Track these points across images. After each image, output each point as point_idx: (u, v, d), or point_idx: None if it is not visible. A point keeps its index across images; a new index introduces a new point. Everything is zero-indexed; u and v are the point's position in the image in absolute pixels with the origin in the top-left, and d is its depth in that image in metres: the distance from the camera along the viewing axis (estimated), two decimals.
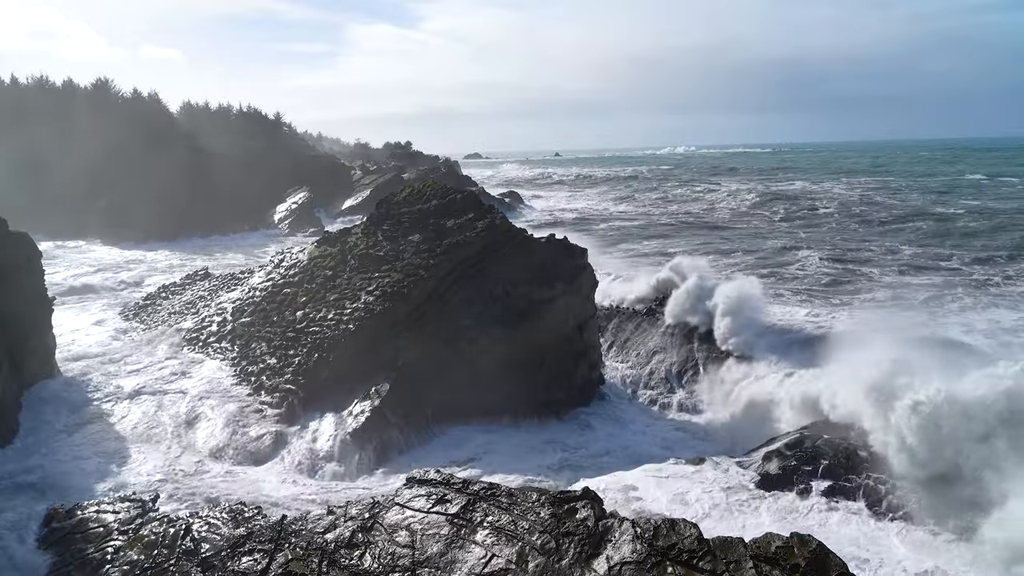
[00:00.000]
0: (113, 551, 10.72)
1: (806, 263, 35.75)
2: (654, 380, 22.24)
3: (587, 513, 9.34)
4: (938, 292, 28.45)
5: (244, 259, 41.84)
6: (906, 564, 11.75)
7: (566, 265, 21.06)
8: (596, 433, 18.58)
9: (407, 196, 24.28)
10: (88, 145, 54.07)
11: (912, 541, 12.53)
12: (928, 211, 54.89)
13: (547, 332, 20.02)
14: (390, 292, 20.04)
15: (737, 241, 45.16)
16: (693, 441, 18.39)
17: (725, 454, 16.22)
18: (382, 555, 9.42)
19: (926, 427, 13.55)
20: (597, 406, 20.24)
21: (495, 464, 16.10)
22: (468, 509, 9.83)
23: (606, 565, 8.57)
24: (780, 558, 8.04)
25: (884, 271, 33.27)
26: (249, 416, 17.75)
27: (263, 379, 19.18)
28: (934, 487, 13.15)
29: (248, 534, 10.40)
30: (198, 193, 53.59)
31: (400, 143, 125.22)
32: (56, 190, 51.04)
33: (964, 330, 22.11)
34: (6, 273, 16.97)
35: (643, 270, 29.26)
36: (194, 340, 22.64)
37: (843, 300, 27.45)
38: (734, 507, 13.73)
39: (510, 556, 8.98)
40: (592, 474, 15.34)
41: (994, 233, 42.70)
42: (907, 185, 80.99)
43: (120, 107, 64.79)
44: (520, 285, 20.36)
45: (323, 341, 19.47)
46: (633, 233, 51.65)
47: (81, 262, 41.17)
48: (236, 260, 41.67)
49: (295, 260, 24.79)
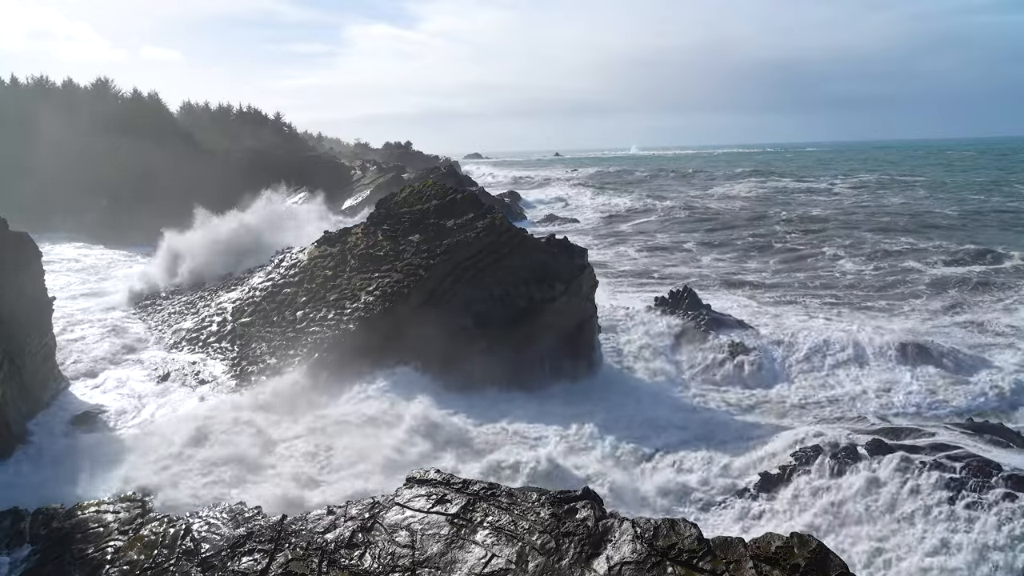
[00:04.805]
0: (113, 551, 10.72)
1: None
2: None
3: (587, 513, 9.34)
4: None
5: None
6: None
7: (566, 265, 21.06)
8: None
9: (407, 196, 24.28)
10: (88, 145, 54.03)
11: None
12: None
13: (547, 332, 20.02)
14: (390, 292, 20.04)
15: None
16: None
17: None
18: (382, 555, 9.42)
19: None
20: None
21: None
22: (468, 509, 9.83)
23: (606, 565, 8.57)
24: (780, 558, 8.03)
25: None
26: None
27: (263, 379, 19.17)
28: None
29: (248, 534, 10.40)
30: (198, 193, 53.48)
31: (400, 143, 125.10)
32: (56, 190, 50.99)
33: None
34: (6, 273, 16.94)
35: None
36: (194, 340, 22.64)
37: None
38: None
39: (510, 556, 8.98)
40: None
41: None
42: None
43: (120, 107, 64.77)
44: (520, 285, 20.37)
45: (323, 341, 19.47)
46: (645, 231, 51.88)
47: (81, 262, 41.13)
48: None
49: (295, 260, 24.79)
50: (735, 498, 14.40)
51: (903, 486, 13.51)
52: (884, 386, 20.43)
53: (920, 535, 12.59)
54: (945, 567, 11.85)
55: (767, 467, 15.02)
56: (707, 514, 14.03)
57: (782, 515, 13.73)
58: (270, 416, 16.45)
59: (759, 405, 19.75)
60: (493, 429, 16.58)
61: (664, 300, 25.55)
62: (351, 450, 14.79)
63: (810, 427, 16.74)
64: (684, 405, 19.33)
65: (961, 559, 11.97)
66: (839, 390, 20.52)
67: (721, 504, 14.33)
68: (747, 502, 14.25)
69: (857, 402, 19.67)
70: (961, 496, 13.02)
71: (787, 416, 18.82)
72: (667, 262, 41.87)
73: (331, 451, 14.87)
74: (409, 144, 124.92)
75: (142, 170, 52.26)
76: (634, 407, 19.11)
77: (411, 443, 15.32)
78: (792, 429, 16.79)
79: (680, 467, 15.41)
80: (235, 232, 32.11)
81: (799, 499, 14.01)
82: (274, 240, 30.54)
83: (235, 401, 17.57)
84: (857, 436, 15.36)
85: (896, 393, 20.03)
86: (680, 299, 25.24)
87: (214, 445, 14.92)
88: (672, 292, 26.01)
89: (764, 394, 20.45)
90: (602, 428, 17.08)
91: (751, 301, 30.06)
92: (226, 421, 15.93)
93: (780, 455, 15.36)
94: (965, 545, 12.20)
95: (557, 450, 15.58)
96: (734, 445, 16.57)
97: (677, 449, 16.10)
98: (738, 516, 13.95)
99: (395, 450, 14.90)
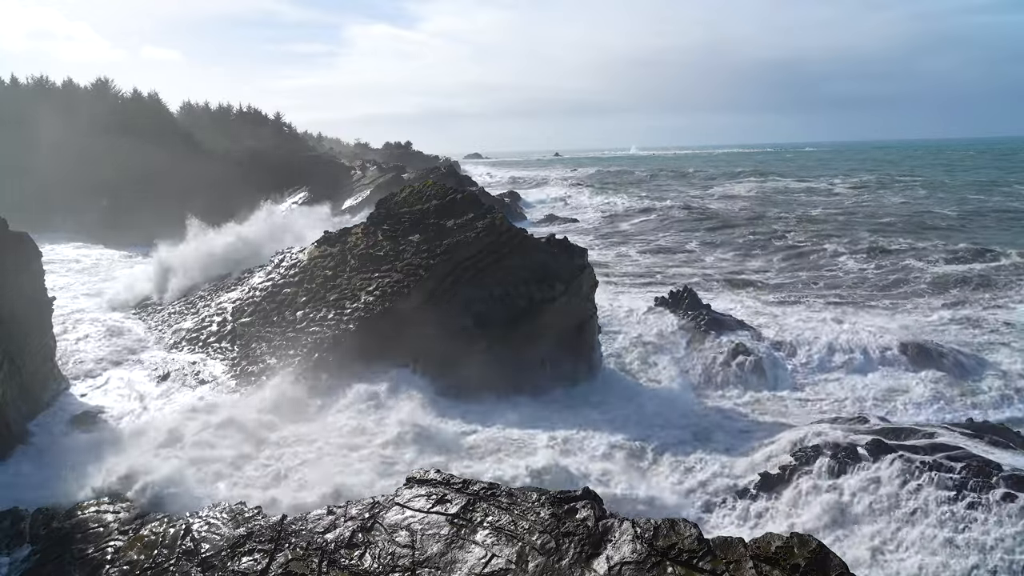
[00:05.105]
0: (113, 551, 10.72)
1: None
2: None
3: (587, 513, 9.34)
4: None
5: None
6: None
7: (566, 265, 21.05)
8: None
9: (407, 196, 24.27)
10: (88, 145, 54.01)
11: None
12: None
13: (547, 332, 20.02)
14: (390, 292, 20.04)
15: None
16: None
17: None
18: (382, 555, 9.42)
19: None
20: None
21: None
22: (468, 509, 9.83)
23: (606, 565, 8.57)
24: (780, 558, 8.03)
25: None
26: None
27: (263, 379, 19.17)
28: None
29: (248, 534, 10.40)
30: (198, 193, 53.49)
31: (400, 143, 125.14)
32: (56, 190, 50.97)
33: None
34: (6, 273, 16.93)
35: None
36: (194, 340, 22.63)
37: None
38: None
39: (510, 556, 8.98)
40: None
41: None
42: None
43: (120, 107, 64.77)
44: (520, 285, 20.36)
45: (323, 341, 19.47)
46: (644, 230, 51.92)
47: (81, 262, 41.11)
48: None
49: (295, 260, 24.77)
50: (735, 498, 14.40)
51: (903, 486, 13.51)
52: (884, 386, 20.45)
53: (920, 535, 12.58)
54: (945, 567, 11.84)
55: (767, 467, 15.01)
56: (707, 514, 14.03)
57: (782, 515, 13.73)
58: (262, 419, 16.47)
59: (759, 405, 19.76)
60: (491, 432, 16.59)
61: (664, 300, 25.55)
62: (336, 458, 14.78)
63: (810, 427, 16.73)
64: (684, 405, 19.30)
65: (962, 559, 11.97)
66: (839, 390, 20.54)
67: (721, 504, 14.33)
68: (747, 502, 14.24)
69: (857, 402, 19.68)
70: (961, 496, 13.01)
71: (787, 416, 18.82)
72: (667, 262, 41.90)
73: (321, 458, 14.86)
74: (409, 144, 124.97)
75: (142, 170, 52.23)
76: (634, 407, 19.11)
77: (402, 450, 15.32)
78: (792, 429, 16.79)
79: (680, 467, 15.41)
80: (232, 246, 30.41)
81: (799, 499, 14.01)
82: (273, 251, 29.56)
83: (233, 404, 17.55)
84: (857, 436, 15.35)
85: (896, 393, 20.05)
86: (680, 299, 25.26)
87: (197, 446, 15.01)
88: (672, 292, 26.04)
89: (764, 394, 20.45)
90: (601, 429, 17.09)
91: (751, 301, 30.05)
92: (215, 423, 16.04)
93: (780, 455, 15.36)
94: (965, 545, 12.20)
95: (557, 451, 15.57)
96: (734, 445, 16.59)
97: (677, 449, 16.09)
98: (738, 516, 13.94)
99: (384, 460, 14.92)
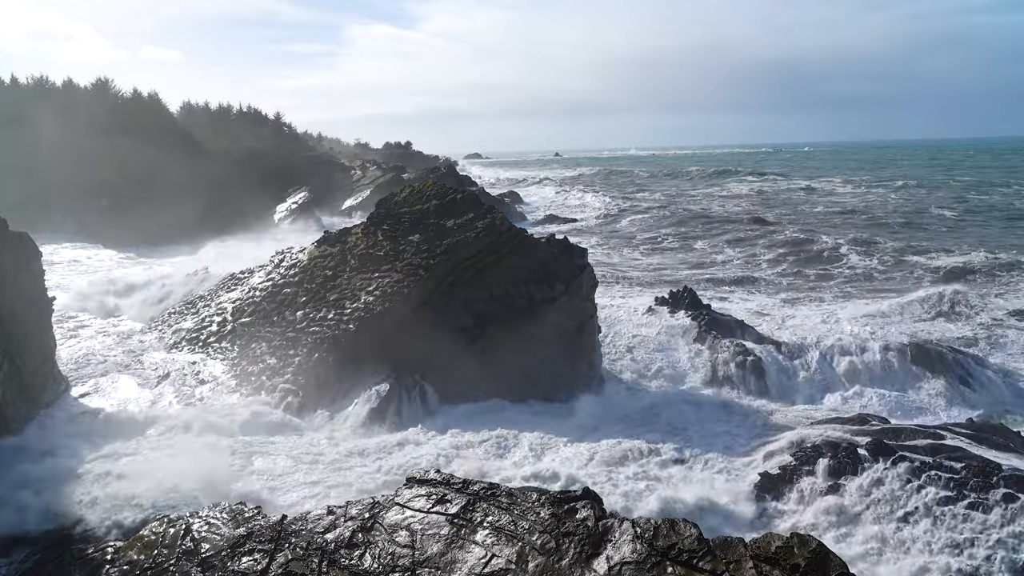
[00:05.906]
0: (113, 551, 10.70)
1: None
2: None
3: (587, 513, 9.33)
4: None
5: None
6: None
7: (566, 265, 21.05)
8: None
9: (407, 196, 24.26)
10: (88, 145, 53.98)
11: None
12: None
13: (547, 332, 20.00)
14: (390, 292, 20.03)
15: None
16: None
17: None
18: (382, 555, 9.41)
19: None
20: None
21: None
22: (468, 509, 9.82)
23: (606, 565, 8.56)
24: (780, 558, 8.02)
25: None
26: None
27: (263, 379, 19.17)
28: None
29: (248, 534, 10.38)
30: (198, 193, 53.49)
31: (400, 143, 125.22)
32: (56, 190, 50.93)
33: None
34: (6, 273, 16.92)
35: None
36: (194, 340, 22.62)
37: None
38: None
39: (510, 556, 8.97)
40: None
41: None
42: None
43: (120, 107, 64.75)
44: (520, 285, 20.36)
45: (323, 341, 19.46)
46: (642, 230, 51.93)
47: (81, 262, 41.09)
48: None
49: (295, 260, 24.75)
50: (735, 498, 14.37)
51: (904, 486, 13.50)
52: (885, 387, 20.44)
53: (921, 535, 12.57)
54: (946, 567, 11.84)
55: (768, 467, 15.00)
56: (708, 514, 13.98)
57: (783, 515, 13.72)
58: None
59: (759, 405, 19.73)
60: (490, 432, 16.60)
61: (664, 300, 25.54)
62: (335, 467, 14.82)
63: (811, 428, 16.74)
64: (684, 406, 19.30)
65: (962, 559, 11.96)
66: (840, 391, 20.52)
67: (721, 504, 14.29)
68: (748, 502, 14.21)
69: (858, 403, 19.67)
70: (962, 496, 13.01)
71: (787, 417, 18.81)
72: (667, 262, 41.92)
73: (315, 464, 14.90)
74: (409, 144, 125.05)
75: (142, 170, 52.19)
76: (634, 408, 19.14)
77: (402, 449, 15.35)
78: (793, 430, 16.80)
79: (680, 467, 15.40)
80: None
81: (800, 499, 14.00)
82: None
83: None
84: (858, 437, 15.36)
85: (897, 393, 20.04)
86: (680, 299, 25.24)
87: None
88: (672, 292, 26.02)
89: (764, 395, 20.42)
90: (601, 429, 17.09)
91: (751, 301, 30.07)
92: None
93: (781, 455, 15.35)
94: (966, 545, 12.20)
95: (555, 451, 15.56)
96: (735, 446, 16.60)
97: (677, 450, 16.08)
98: (739, 516, 13.91)
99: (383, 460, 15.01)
